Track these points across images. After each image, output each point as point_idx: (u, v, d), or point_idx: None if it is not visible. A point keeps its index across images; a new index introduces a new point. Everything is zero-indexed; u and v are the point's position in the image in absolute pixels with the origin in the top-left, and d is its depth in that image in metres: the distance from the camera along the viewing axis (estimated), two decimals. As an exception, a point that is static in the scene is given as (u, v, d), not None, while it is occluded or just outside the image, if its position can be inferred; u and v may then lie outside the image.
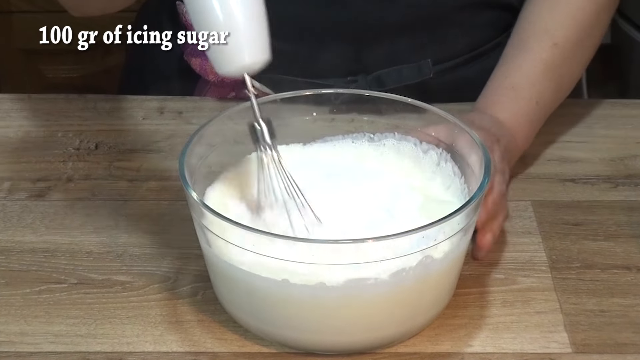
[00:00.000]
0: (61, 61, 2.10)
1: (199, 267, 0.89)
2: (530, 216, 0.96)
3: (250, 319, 0.81)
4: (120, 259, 0.91)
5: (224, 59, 0.77)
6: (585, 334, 0.83)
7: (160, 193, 1.00)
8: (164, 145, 1.08)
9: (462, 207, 0.77)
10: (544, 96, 0.99)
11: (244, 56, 0.77)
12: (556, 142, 1.08)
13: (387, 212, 0.84)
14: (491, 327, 0.83)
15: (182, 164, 0.81)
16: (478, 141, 0.84)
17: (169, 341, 0.82)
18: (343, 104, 0.92)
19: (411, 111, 0.90)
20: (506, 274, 0.89)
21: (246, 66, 0.77)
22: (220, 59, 0.77)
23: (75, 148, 1.07)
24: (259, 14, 0.77)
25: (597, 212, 0.97)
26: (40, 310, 0.85)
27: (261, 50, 0.77)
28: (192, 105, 1.15)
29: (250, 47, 0.77)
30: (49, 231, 0.94)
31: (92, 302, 0.86)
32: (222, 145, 0.88)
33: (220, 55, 0.77)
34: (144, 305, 0.85)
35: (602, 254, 0.92)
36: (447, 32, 1.13)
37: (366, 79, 1.12)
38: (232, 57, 0.77)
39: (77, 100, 1.16)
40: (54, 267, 0.90)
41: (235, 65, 0.77)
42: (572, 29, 1.00)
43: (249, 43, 0.76)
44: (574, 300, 0.86)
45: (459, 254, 0.81)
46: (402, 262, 0.75)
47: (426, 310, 0.81)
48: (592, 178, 1.03)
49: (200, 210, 0.77)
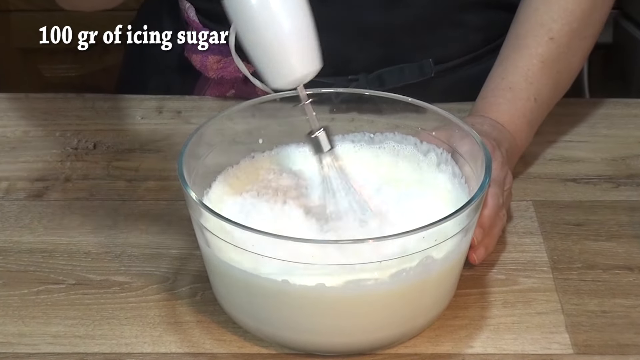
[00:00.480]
0: (59, 60, 2.10)
1: (198, 268, 0.89)
2: (531, 216, 0.96)
3: (250, 319, 0.81)
4: (118, 259, 0.91)
5: (277, 73, 0.77)
6: (587, 335, 0.83)
7: (158, 193, 1.00)
8: (162, 144, 1.08)
9: (463, 208, 0.77)
10: (542, 93, 0.99)
11: (297, 69, 0.77)
12: (557, 141, 1.08)
13: (387, 212, 0.84)
14: (492, 328, 0.83)
15: (181, 164, 0.81)
16: (479, 141, 0.84)
17: (167, 342, 0.82)
18: (343, 103, 0.92)
19: (412, 111, 0.90)
20: (507, 275, 0.89)
21: (299, 79, 0.78)
22: (273, 74, 0.77)
23: (73, 148, 1.07)
24: (308, 24, 0.77)
25: (599, 212, 0.97)
26: (38, 311, 0.85)
27: (312, 60, 0.77)
28: (191, 105, 1.15)
29: (302, 59, 0.77)
30: (47, 231, 0.94)
31: (91, 302, 0.86)
32: (221, 145, 0.88)
33: (273, 70, 0.77)
34: (143, 306, 0.85)
35: (603, 255, 0.92)
36: (449, 32, 1.13)
37: (367, 78, 1.12)
38: (286, 71, 0.77)
39: (75, 100, 1.16)
40: (52, 268, 0.90)
41: (289, 78, 0.77)
42: (568, 22, 1.00)
43: (301, 55, 0.77)
44: (575, 301, 0.86)
45: (460, 254, 0.81)
46: (402, 263, 0.75)
47: (426, 311, 0.81)
48: (593, 178, 1.03)
49: (199, 211, 0.77)
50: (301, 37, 0.76)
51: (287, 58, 0.76)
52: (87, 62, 2.11)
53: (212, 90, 1.17)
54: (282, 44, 0.75)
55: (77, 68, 2.12)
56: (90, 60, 2.10)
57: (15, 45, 2.08)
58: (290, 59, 0.76)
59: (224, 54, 1.13)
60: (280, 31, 0.75)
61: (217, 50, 1.13)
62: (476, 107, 1.00)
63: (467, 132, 0.85)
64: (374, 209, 0.82)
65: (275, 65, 0.76)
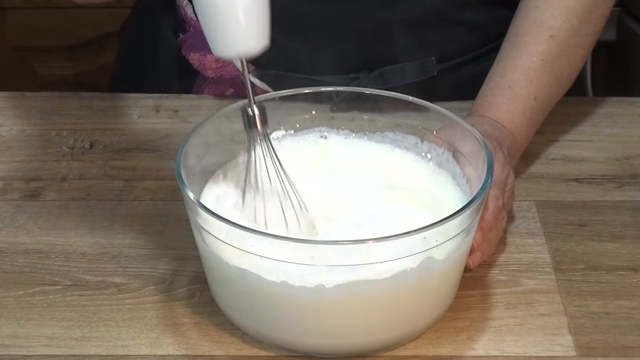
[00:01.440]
0: (55, 58, 2.10)
1: (195, 269, 0.89)
2: (533, 216, 0.96)
3: (248, 321, 0.81)
4: (115, 260, 0.91)
5: (222, 41, 0.77)
6: (590, 337, 0.83)
7: (156, 193, 1.00)
8: (160, 144, 1.08)
9: (464, 208, 0.77)
10: (543, 91, 0.99)
11: (243, 40, 0.77)
12: (560, 141, 1.08)
13: (387, 212, 0.84)
14: (494, 330, 0.83)
15: (179, 164, 0.81)
16: (481, 140, 0.84)
17: (165, 344, 0.82)
18: (343, 102, 0.92)
19: (413, 110, 0.90)
20: (509, 276, 0.89)
21: (244, 51, 0.78)
22: (218, 42, 0.78)
23: (69, 147, 1.07)
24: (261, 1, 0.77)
25: (602, 213, 0.97)
26: (34, 313, 0.85)
27: (261, 35, 0.77)
28: (189, 104, 1.15)
29: (250, 32, 0.77)
30: (42, 232, 0.94)
31: (87, 304, 0.86)
32: (219, 144, 0.88)
33: (218, 37, 0.77)
34: (140, 307, 0.85)
35: (607, 255, 0.92)
36: (451, 30, 1.13)
37: (369, 76, 1.12)
38: (231, 41, 0.77)
39: (72, 99, 1.16)
40: (47, 269, 0.90)
41: (234, 49, 0.77)
42: (568, 19, 1.00)
43: (250, 28, 0.77)
44: (578, 303, 0.86)
45: (461, 255, 0.81)
46: (402, 264, 0.75)
47: (427, 312, 0.81)
48: (597, 178, 1.03)
49: (197, 211, 0.77)
50: (252, 10, 0.76)
51: (236, 29, 0.76)
52: (83, 61, 2.11)
53: (210, 89, 1.17)
54: (232, 12, 0.76)
55: (73, 66, 2.12)
56: (86, 58, 2.10)
57: (10, 43, 2.08)
58: (239, 31, 0.76)
59: (222, 52, 1.13)
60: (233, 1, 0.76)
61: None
62: (475, 107, 1.00)
63: (469, 132, 0.85)
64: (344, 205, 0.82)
65: (222, 35, 0.77)
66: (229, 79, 1.14)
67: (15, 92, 1.17)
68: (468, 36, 1.15)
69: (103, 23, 2.01)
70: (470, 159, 0.86)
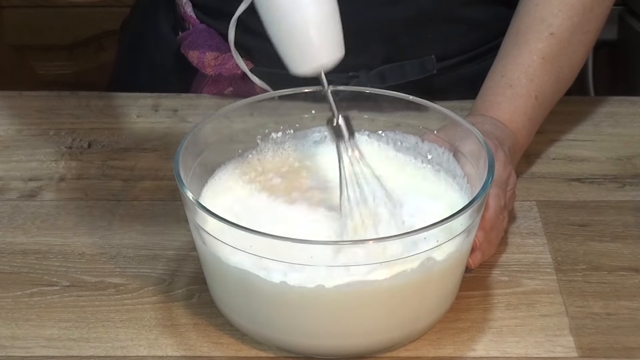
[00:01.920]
0: (53, 57, 2.10)
1: (194, 269, 0.89)
2: (535, 217, 0.96)
3: (248, 322, 0.81)
4: (113, 260, 0.91)
5: (298, 57, 0.77)
6: (592, 338, 0.83)
7: (154, 193, 1.00)
8: (158, 143, 1.08)
9: (465, 208, 0.77)
10: (544, 90, 0.99)
11: (321, 55, 0.77)
12: (562, 140, 1.08)
13: (388, 212, 0.84)
14: (495, 331, 0.83)
15: (177, 163, 0.81)
16: (482, 140, 0.84)
17: (163, 345, 0.82)
18: (343, 101, 0.92)
19: (413, 109, 0.90)
20: (510, 276, 0.89)
21: (322, 65, 0.78)
22: (294, 58, 0.78)
23: (67, 147, 1.07)
24: (334, 10, 0.78)
25: (604, 213, 0.97)
26: (32, 314, 0.85)
27: (337, 47, 0.78)
28: (188, 103, 1.15)
29: (326, 46, 0.77)
30: (40, 232, 0.94)
31: (85, 305, 0.86)
32: (218, 143, 0.88)
33: (294, 54, 0.77)
34: (138, 308, 0.85)
35: (609, 256, 0.92)
36: (451, 29, 1.13)
37: (368, 75, 1.12)
38: (309, 57, 0.77)
39: (70, 98, 1.16)
40: (45, 269, 0.90)
41: (312, 64, 0.78)
42: (569, 16, 1.00)
43: (326, 41, 0.77)
44: (580, 303, 0.86)
45: (462, 255, 0.81)
46: (403, 264, 0.75)
47: (428, 313, 0.81)
48: (598, 177, 1.03)
49: (196, 211, 0.77)
50: (327, 23, 0.77)
51: (311, 43, 0.77)
52: (81, 60, 2.11)
53: (209, 87, 1.17)
54: (307, 28, 0.76)
55: (71, 65, 2.12)
56: (84, 57, 2.10)
57: (8, 42, 2.08)
58: (314, 45, 0.77)
59: (221, 51, 1.13)
60: (307, 14, 0.76)
61: (215, 47, 1.13)
62: (476, 106, 1.00)
63: (470, 131, 0.85)
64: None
65: (297, 51, 0.77)
66: (228, 77, 1.14)
67: (13, 91, 1.17)
68: (468, 35, 1.15)
69: (101, 22, 2.01)
70: (471, 158, 0.86)
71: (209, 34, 1.14)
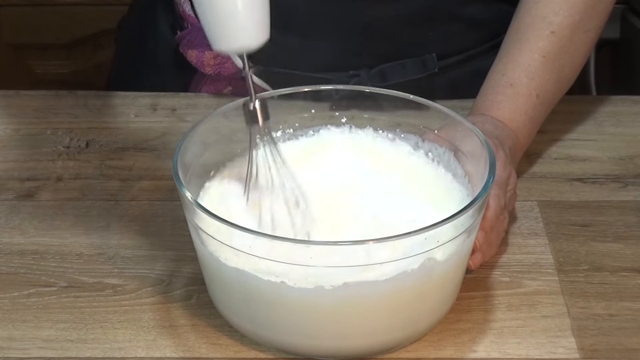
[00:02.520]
0: (51, 56, 2.10)
1: (193, 270, 0.89)
2: (536, 217, 0.96)
3: (247, 323, 0.81)
4: (111, 261, 0.91)
5: (222, 35, 0.78)
6: (594, 339, 0.83)
7: (153, 193, 1.00)
8: (157, 143, 1.08)
9: (466, 208, 0.77)
10: (544, 89, 0.99)
11: (243, 34, 0.77)
12: (563, 140, 1.08)
13: (388, 212, 0.84)
14: (496, 332, 0.83)
15: (176, 163, 0.81)
16: (482, 139, 0.84)
17: (162, 346, 0.82)
18: (343, 100, 0.92)
19: (413, 108, 0.90)
20: (511, 277, 0.89)
21: (244, 45, 0.78)
22: (217, 36, 0.78)
23: (65, 146, 1.07)
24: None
25: (606, 213, 0.97)
26: (29, 315, 0.85)
27: (261, 29, 0.78)
28: (186, 102, 1.15)
29: (249, 26, 0.77)
30: (37, 232, 0.94)
31: (83, 306, 0.86)
32: (217, 143, 0.88)
33: (217, 32, 0.78)
34: (137, 309, 0.85)
35: (611, 256, 0.92)
36: (452, 27, 1.13)
37: (369, 73, 1.12)
38: (231, 35, 0.78)
39: (67, 97, 1.16)
40: (43, 270, 0.90)
41: (234, 43, 0.78)
42: (570, 14, 1.00)
43: (249, 21, 0.77)
44: (581, 304, 0.86)
45: (463, 256, 0.81)
46: (403, 265, 0.75)
47: (428, 314, 0.81)
48: (600, 177, 1.03)
49: (195, 211, 0.77)
50: (252, 5, 0.77)
51: (235, 23, 0.77)
52: (79, 58, 2.11)
53: (208, 87, 1.17)
54: (232, 8, 0.76)
55: (69, 64, 2.12)
56: (82, 56, 2.10)
57: (5, 41, 2.08)
58: (238, 25, 0.77)
59: (220, 50, 1.13)
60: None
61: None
62: (476, 105, 0.99)
63: (471, 131, 0.85)
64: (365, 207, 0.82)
65: (222, 29, 0.77)
66: (227, 76, 1.14)
67: (10, 90, 1.17)
68: (469, 33, 1.15)
69: (99, 20, 2.01)
70: (472, 158, 0.86)
71: (208, 33, 1.14)
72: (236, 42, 0.78)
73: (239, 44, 0.78)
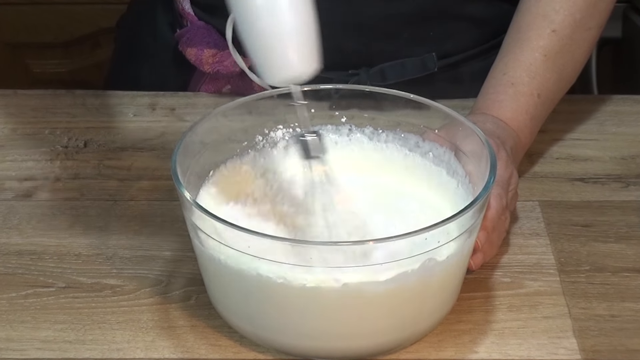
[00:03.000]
0: (48, 55, 2.10)
1: (192, 270, 0.89)
2: (537, 217, 0.96)
3: (246, 324, 0.81)
4: (110, 261, 0.91)
5: (272, 68, 0.75)
6: (595, 340, 0.83)
7: (151, 193, 1.00)
8: (155, 143, 1.08)
9: (467, 208, 0.77)
10: (546, 88, 0.99)
11: (293, 66, 0.75)
12: (565, 139, 1.08)
13: (388, 212, 0.84)
14: (497, 333, 0.83)
15: (175, 163, 0.81)
16: (483, 139, 0.84)
17: (160, 347, 0.82)
18: (343, 99, 0.92)
19: (414, 108, 0.90)
20: (512, 278, 0.89)
21: (294, 77, 0.76)
22: (268, 69, 0.75)
23: (63, 146, 1.07)
24: (310, 21, 0.75)
25: (608, 213, 0.97)
26: (27, 315, 0.85)
27: (311, 59, 0.75)
28: (185, 102, 1.15)
29: (300, 57, 0.75)
30: (35, 233, 0.94)
31: (81, 306, 0.86)
32: (216, 143, 0.88)
33: (268, 64, 0.75)
34: (135, 310, 0.85)
35: (612, 257, 0.92)
36: (452, 25, 1.13)
37: (368, 72, 1.12)
38: (281, 68, 0.75)
39: (65, 96, 1.16)
40: (41, 271, 0.90)
41: (283, 75, 0.75)
42: (571, 12, 1.00)
43: (300, 53, 0.75)
44: (583, 305, 0.86)
45: (463, 256, 0.81)
46: (403, 265, 0.75)
47: (429, 315, 0.81)
48: (602, 177, 1.03)
49: (194, 211, 0.77)
50: (302, 33, 0.74)
51: (284, 54, 0.74)
52: (77, 57, 2.11)
53: (207, 85, 1.17)
54: (280, 37, 0.74)
55: (67, 63, 2.12)
56: (80, 55, 2.10)
57: (3, 40, 2.08)
58: (288, 55, 0.74)
59: (220, 48, 1.13)
60: (281, 24, 0.74)
61: (213, 44, 1.13)
62: (477, 105, 1.00)
63: (472, 130, 0.85)
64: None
65: (270, 60, 0.75)
66: (226, 74, 1.14)
67: (8, 89, 1.17)
68: (470, 32, 1.15)
69: (97, 19, 2.01)
70: (473, 158, 0.86)
71: (207, 31, 1.14)
72: (287, 73, 0.75)
73: (290, 75, 0.75)
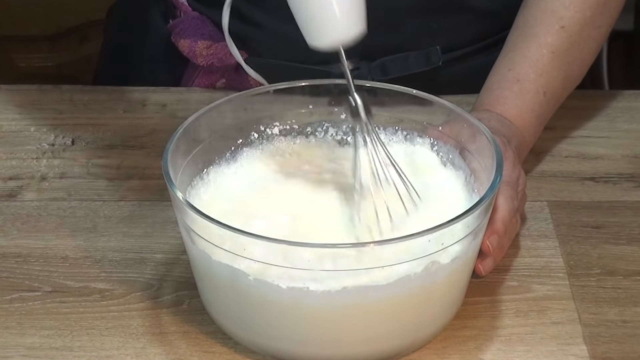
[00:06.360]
0: (34, 49, 2.10)
1: (184, 274, 0.89)
2: (546, 218, 0.97)
3: (241, 330, 0.81)
4: (98, 264, 0.91)
5: (317, 31, 0.79)
6: (606, 347, 0.83)
7: (142, 193, 1.00)
8: (146, 140, 1.08)
9: (472, 209, 0.77)
10: (552, 86, 1.00)
11: (339, 29, 0.79)
12: (574, 137, 1.09)
13: (390, 213, 0.84)
14: (503, 339, 0.83)
15: (167, 161, 0.81)
16: (490, 137, 0.84)
17: (151, 354, 0.82)
18: (343, 95, 0.92)
19: (417, 104, 0.90)
20: (520, 281, 0.89)
21: (340, 39, 0.79)
22: (313, 31, 0.80)
23: (49, 144, 1.07)
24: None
25: (619, 214, 0.97)
26: (12, 321, 0.85)
27: (359, 22, 0.79)
28: (177, 97, 1.15)
29: (348, 19, 0.79)
30: (21, 234, 0.94)
31: (69, 311, 0.86)
32: (209, 140, 0.88)
33: (313, 27, 0.79)
34: (125, 315, 0.85)
35: (624, 260, 0.92)
36: (457, 18, 1.13)
37: (369, 66, 1.12)
38: (326, 30, 0.79)
39: (52, 92, 1.16)
40: (26, 274, 0.90)
41: (330, 38, 0.80)
42: (581, 9, 1.00)
43: (348, 15, 0.79)
44: (593, 310, 0.86)
45: (468, 259, 0.81)
46: (406, 268, 0.75)
47: (432, 320, 0.81)
48: (613, 176, 1.03)
49: (186, 211, 0.77)
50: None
51: (334, 16, 0.78)
52: (64, 51, 2.11)
53: (201, 79, 1.17)
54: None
55: (53, 57, 2.12)
56: (67, 49, 2.10)
57: (-14, 33, 2.08)
58: (337, 18, 0.78)
59: (214, 40, 1.13)
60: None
61: (207, 35, 1.13)
62: (481, 100, 1.00)
63: (477, 128, 0.85)
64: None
65: (319, 22, 0.79)
66: (221, 67, 1.14)
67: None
68: (476, 24, 1.15)
69: (86, 11, 2.01)
70: (478, 156, 0.86)
71: (201, 21, 1.14)
72: (331, 35, 0.79)
73: (334, 38, 0.79)
